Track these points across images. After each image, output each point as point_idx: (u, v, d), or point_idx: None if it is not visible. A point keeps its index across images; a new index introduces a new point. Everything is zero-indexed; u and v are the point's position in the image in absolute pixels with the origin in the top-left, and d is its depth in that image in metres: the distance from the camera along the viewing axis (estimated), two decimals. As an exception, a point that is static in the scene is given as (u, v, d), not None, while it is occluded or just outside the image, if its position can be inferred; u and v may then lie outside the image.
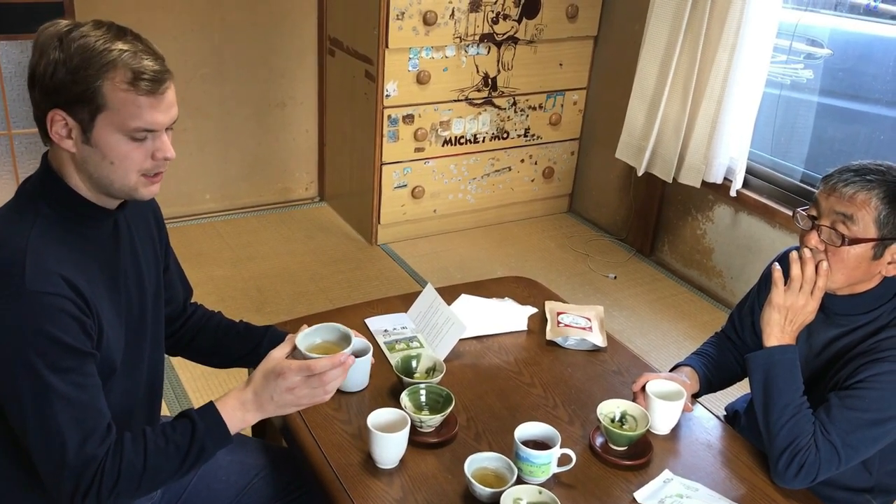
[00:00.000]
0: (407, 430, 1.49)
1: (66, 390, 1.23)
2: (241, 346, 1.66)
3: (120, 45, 1.25)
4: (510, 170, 4.07)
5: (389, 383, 1.72)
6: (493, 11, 3.65)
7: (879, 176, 1.52)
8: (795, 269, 1.57)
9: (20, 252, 1.23)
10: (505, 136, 3.98)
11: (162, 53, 1.30)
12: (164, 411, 2.55)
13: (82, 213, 1.32)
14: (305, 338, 1.40)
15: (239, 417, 1.35)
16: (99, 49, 1.23)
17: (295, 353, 1.36)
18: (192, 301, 1.72)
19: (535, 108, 4.00)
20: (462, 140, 3.86)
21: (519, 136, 4.02)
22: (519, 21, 3.74)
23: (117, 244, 1.40)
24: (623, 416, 1.61)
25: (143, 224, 1.50)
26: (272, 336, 1.65)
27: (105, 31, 1.26)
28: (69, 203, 1.31)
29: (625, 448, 1.57)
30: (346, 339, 1.42)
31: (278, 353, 1.36)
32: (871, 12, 3.21)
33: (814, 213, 1.58)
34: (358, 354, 1.64)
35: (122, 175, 1.29)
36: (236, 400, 1.35)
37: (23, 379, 1.21)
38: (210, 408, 1.35)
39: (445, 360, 1.77)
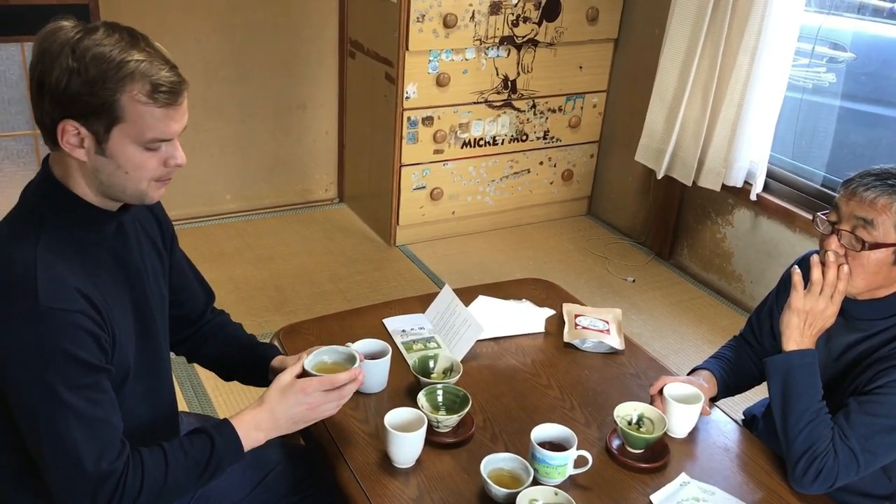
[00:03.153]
0: (423, 429, 1.49)
1: (82, 407, 1.21)
2: (244, 361, 1.67)
3: (136, 56, 1.21)
4: (529, 172, 4.07)
5: (406, 383, 1.73)
6: (513, 14, 3.65)
7: (901, 181, 1.51)
8: (816, 273, 1.56)
9: (30, 267, 1.20)
10: (524, 138, 3.98)
11: (174, 61, 1.27)
12: (183, 407, 2.58)
13: (86, 216, 1.30)
14: (312, 360, 1.50)
15: (253, 436, 1.38)
16: (116, 60, 1.19)
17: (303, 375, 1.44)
18: (219, 308, 1.72)
19: (554, 111, 3.99)
20: (481, 142, 3.87)
21: (538, 138, 4.02)
22: (539, 24, 3.74)
23: (125, 246, 1.38)
24: (640, 419, 1.61)
25: (146, 223, 1.48)
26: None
27: (119, 39, 1.21)
28: (73, 208, 1.28)
29: (641, 451, 1.57)
30: (350, 359, 1.52)
31: (289, 376, 1.41)
32: (894, 15, 3.18)
33: (834, 217, 1.57)
34: (376, 356, 1.68)
35: (136, 182, 1.28)
36: (251, 419, 1.39)
37: (39, 397, 1.20)
38: (227, 425, 1.37)
39: (462, 361, 1.77)
